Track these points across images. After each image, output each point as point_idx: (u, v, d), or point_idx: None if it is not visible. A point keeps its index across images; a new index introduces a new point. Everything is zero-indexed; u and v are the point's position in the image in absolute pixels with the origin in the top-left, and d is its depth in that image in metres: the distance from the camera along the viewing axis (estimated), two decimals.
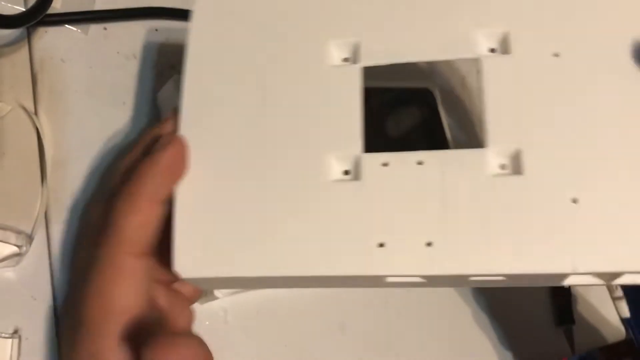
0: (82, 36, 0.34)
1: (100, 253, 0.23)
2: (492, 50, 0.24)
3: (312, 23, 0.25)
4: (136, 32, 0.36)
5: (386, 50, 0.25)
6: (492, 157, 0.23)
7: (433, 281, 0.23)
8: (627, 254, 0.21)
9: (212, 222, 0.23)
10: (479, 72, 0.24)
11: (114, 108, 0.33)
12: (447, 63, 0.33)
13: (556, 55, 0.24)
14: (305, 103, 0.24)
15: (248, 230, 0.23)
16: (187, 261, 0.23)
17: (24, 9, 0.30)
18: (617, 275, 0.22)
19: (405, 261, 0.22)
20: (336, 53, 0.25)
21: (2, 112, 0.29)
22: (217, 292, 0.32)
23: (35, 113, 0.30)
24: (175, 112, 0.25)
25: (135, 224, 0.22)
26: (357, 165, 0.23)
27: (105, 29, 0.35)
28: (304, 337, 0.36)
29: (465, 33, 0.24)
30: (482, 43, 0.24)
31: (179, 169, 0.24)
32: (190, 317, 0.27)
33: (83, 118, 0.32)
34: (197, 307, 0.34)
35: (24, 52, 0.31)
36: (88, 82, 0.33)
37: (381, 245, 0.22)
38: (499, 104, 0.24)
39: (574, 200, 0.22)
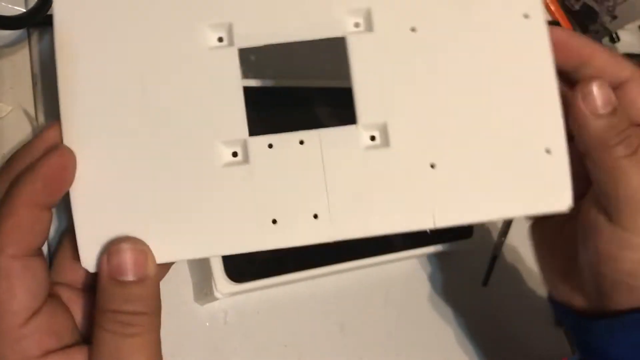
0: None
1: None
2: (357, 25, 0.26)
3: (183, 6, 0.25)
4: None
5: (258, 32, 0.25)
6: (363, 131, 0.26)
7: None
8: (476, 208, 0.26)
9: (112, 217, 0.24)
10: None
11: None
12: None
13: (413, 30, 0.26)
14: (186, 90, 0.25)
15: (148, 220, 0.24)
16: (92, 255, 0.23)
17: (24, 10, 0.30)
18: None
19: (296, 233, 0.25)
20: (210, 35, 0.25)
21: (2, 112, 0.29)
22: (216, 293, 0.32)
23: (35, 114, 0.30)
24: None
25: (12, 226, 0.22)
26: (244, 148, 0.25)
27: None
28: (304, 337, 0.36)
29: (332, 11, 0.26)
30: (348, 21, 0.26)
31: (61, 177, 0.23)
32: None
33: None
34: (197, 308, 0.34)
35: (24, 53, 0.31)
36: None
37: (274, 221, 0.25)
38: (365, 81, 0.26)
39: (432, 165, 0.26)
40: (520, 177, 0.26)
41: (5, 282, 0.22)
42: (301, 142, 0.25)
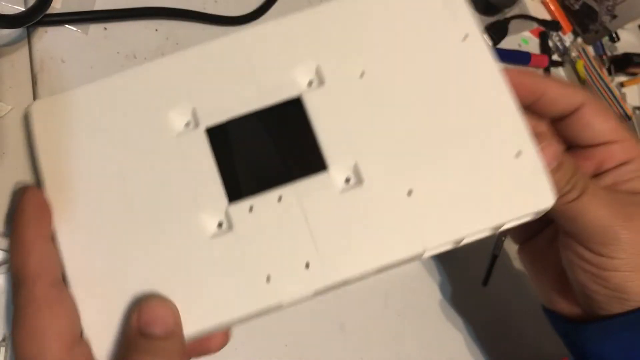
0: (82, 36, 0.34)
1: (19, 292, 0.23)
2: (310, 83, 0.27)
3: (149, 97, 0.27)
4: (136, 32, 0.36)
5: (220, 108, 0.27)
6: (335, 175, 0.26)
7: (322, 292, 0.26)
8: (463, 223, 0.26)
9: (114, 304, 0.25)
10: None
11: None
12: None
13: (362, 74, 0.27)
14: (164, 174, 0.26)
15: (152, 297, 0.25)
16: (103, 347, 0.24)
17: (23, 9, 0.30)
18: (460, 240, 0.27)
19: (292, 286, 0.25)
20: (177, 121, 0.27)
21: (2, 112, 0.29)
22: None
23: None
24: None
25: (39, 258, 0.24)
26: (227, 217, 0.26)
27: (105, 29, 0.35)
28: (304, 337, 0.36)
29: (284, 77, 0.27)
30: (301, 79, 0.27)
31: (46, 209, 0.25)
32: None
33: None
34: None
35: (24, 52, 0.31)
36: (88, 82, 0.33)
37: (268, 279, 0.25)
38: (327, 129, 0.27)
39: (409, 192, 0.26)
40: (498, 185, 0.26)
41: (47, 310, 0.23)
42: (279, 199, 0.26)
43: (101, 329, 0.24)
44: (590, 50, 0.60)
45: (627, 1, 0.57)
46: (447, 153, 0.27)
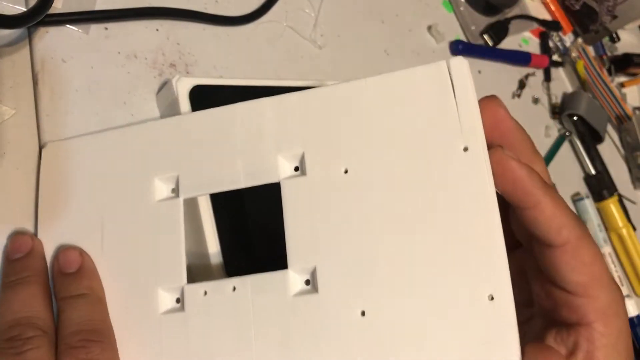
0: (83, 36, 0.34)
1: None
2: (296, 169, 0.26)
3: (139, 163, 0.28)
4: (137, 32, 0.36)
5: (201, 183, 0.27)
6: (293, 276, 0.25)
7: None
8: (409, 358, 0.23)
9: None
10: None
11: (114, 108, 0.33)
12: None
13: (346, 171, 0.25)
14: (136, 239, 0.27)
15: None
16: None
17: (24, 9, 0.30)
18: None
19: None
20: (161, 187, 0.27)
21: (5, 115, 0.29)
22: None
23: (36, 113, 0.30)
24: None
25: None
26: (182, 295, 0.26)
27: (106, 29, 0.35)
28: None
29: (268, 159, 0.26)
30: (285, 166, 0.26)
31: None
32: None
33: (83, 118, 0.32)
34: None
35: (24, 52, 0.31)
36: (89, 82, 0.33)
37: None
38: (296, 225, 0.25)
39: (362, 313, 0.24)
40: (459, 327, 0.23)
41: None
42: (234, 289, 0.25)
43: None
44: (590, 50, 0.60)
45: (627, 2, 0.57)
46: (416, 280, 0.24)
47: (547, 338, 0.25)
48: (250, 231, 0.27)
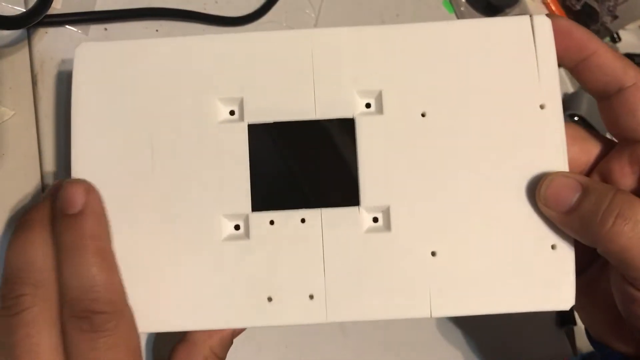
0: (82, 37, 0.34)
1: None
2: (368, 106, 0.26)
3: (200, 78, 0.25)
4: (137, 33, 0.36)
5: (269, 109, 0.25)
6: (365, 213, 0.25)
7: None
8: (475, 301, 0.25)
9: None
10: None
11: None
12: None
13: (423, 115, 0.25)
14: (194, 159, 0.25)
15: (149, 289, 0.24)
16: None
17: (24, 10, 0.30)
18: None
19: (291, 313, 0.25)
20: (223, 109, 0.26)
21: (5, 117, 0.29)
22: None
23: (36, 114, 0.30)
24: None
25: (118, 275, 0.23)
26: (246, 223, 0.25)
27: (105, 29, 0.35)
28: (304, 337, 0.36)
29: (343, 93, 0.25)
30: (359, 102, 0.26)
31: (105, 213, 0.24)
32: None
33: None
34: None
35: (24, 52, 0.31)
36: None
37: (270, 299, 0.25)
38: (370, 163, 0.25)
39: (433, 254, 0.25)
40: (522, 273, 0.25)
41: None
42: (302, 221, 0.25)
43: None
44: None
45: (628, 2, 0.57)
46: (485, 225, 0.25)
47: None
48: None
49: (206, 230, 0.25)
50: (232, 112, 0.26)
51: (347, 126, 0.25)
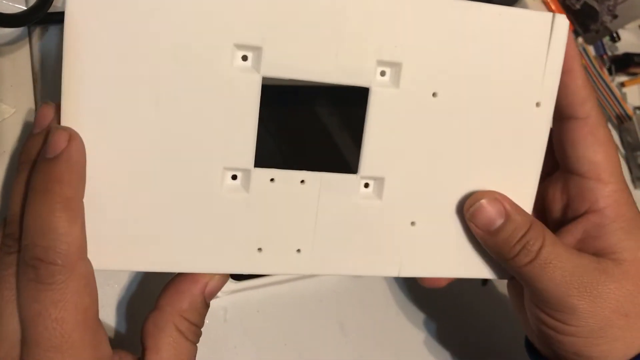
0: None
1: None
2: (383, 74, 0.26)
3: (216, 19, 0.23)
4: None
5: (287, 64, 0.24)
6: (361, 182, 0.27)
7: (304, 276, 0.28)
8: (439, 266, 0.28)
9: (110, 226, 0.24)
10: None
11: None
12: None
13: (434, 94, 0.26)
14: (201, 106, 0.24)
15: (145, 230, 0.24)
16: (98, 255, 0.23)
17: (25, 8, 0.30)
18: None
19: (277, 263, 0.26)
20: (239, 56, 0.24)
21: (5, 114, 0.29)
22: None
23: (36, 112, 0.30)
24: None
25: (80, 228, 0.21)
26: (247, 178, 0.25)
27: None
28: (304, 336, 0.36)
29: (364, 60, 0.25)
30: (377, 70, 0.26)
31: (83, 164, 0.22)
32: None
33: None
34: None
35: (24, 50, 0.31)
36: None
37: (259, 249, 0.26)
38: (376, 134, 0.26)
39: (412, 223, 0.27)
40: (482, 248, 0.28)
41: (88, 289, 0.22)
42: (302, 182, 0.26)
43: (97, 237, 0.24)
44: (590, 50, 0.60)
45: (628, 1, 0.57)
46: (462, 207, 0.28)
47: (560, 233, 0.29)
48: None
49: (206, 179, 0.25)
50: (244, 57, 0.24)
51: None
